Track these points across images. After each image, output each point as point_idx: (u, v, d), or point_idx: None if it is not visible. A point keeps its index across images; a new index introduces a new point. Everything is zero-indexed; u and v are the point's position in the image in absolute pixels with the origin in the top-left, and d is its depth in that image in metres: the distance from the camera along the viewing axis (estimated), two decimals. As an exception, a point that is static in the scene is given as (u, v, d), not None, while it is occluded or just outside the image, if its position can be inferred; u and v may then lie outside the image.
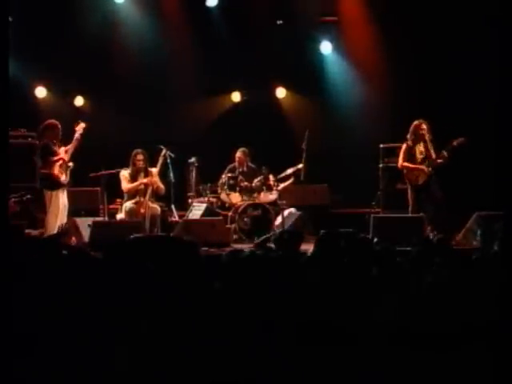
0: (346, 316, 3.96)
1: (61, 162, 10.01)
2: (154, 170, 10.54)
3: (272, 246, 6.45)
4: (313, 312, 3.98)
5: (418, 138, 10.16)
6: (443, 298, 4.10)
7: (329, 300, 4.09)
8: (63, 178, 10.03)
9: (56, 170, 10.03)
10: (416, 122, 10.19)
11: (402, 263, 4.70)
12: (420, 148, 10.18)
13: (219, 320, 3.99)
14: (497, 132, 10.21)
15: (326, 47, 13.03)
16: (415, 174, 10.21)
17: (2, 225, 4.73)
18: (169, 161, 10.77)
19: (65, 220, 9.96)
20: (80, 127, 10.07)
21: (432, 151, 10.13)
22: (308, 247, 6.34)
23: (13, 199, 10.32)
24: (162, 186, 10.57)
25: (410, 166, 10.22)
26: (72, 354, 3.89)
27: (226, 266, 4.64)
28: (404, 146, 10.29)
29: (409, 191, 10.31)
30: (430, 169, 10.12)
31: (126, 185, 10.47)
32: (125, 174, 10.50)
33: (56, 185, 10.02)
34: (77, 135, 10.06)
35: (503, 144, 9.92)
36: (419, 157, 10.18)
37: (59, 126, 10.18)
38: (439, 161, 10.09)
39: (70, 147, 10.12)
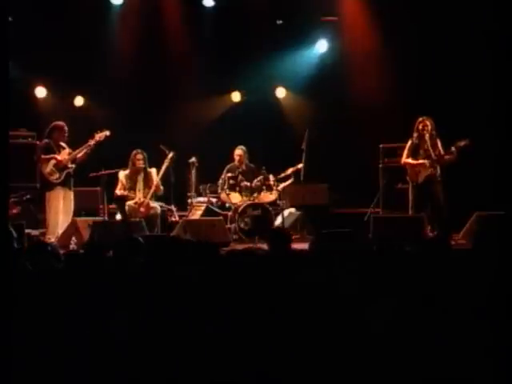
0: (343, 316, 3.96)
1: (54, 161, 10.08)
2: (154, 170, 10.55)
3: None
4: (311, 312, 3.99)
5: (421, 135, 10.13)
6: (441, 297, 4.11)
7: (326, 300, 4.10)
8: (55, 176, 10.07)
9: (47, 168, 10.07)
10: (420, 119, 10.16)
11: (401, 262, 4.71)
12: (424, 145, 10.15)
13: (219, 319, 3.99)
14: (497, 132, 10.23)
15: (322, 46, 13.04)
16: (416, 171, 10.19)
17: (2, 225, 4.73)
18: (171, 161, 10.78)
19: (68, 220, 9.97)
20: (102, 135, 10.15)
21: (439, 149, 10.09)
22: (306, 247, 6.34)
23: (12, 200, 10.36)
24: (161, 186, 10.58)
25: (412, 162, 10.21)
26: (72, 353, 3.90)
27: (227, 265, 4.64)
28: (409, 143, 10.28)
29: (409, 189, 10.30)
30: (432, 169, 10.09)
31: (117, 190, 10.51)
32: (122, 177, 10.50)
33: (48, 184, 10.08)
34: (91, 141, 10.12)
35: (503, 144, 9.94)
36: (423, 154, 10.16)
37: (65, 129, 10.24)
38: (447, 157, 10.04)
39: (77, 151, 10.17)
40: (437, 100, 11.47)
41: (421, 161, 10.12)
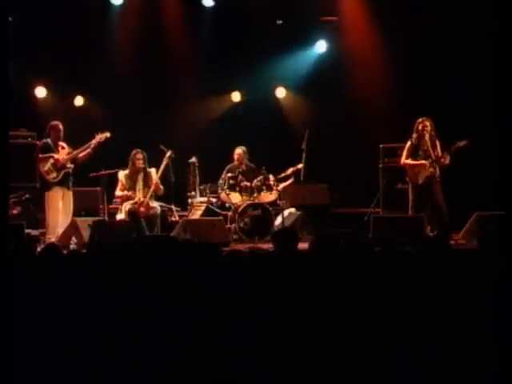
0: (343, 316, 3.96)
1: (52, 160, 10.08)
2: (153, 170, 10.53)
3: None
4: (310, 312, 3.99)
5: (421, 136, 10.12)
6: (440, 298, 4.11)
7: (326, 300, 4.09)
8: (52, 176, 10.06)
9: (44, 167, 10.07)
10: (419, 120, 10.15)
11: (401, 262, 4.71)
12: (423, 146, 10.15)
13: (219, 320, 3.99)
14: (497, 132, 10.21)
15: (322, 46, 13.05)
16: (415, 172, 10.18)
17: (2, 225, 4.73)
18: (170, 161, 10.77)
19: (67, 220, 9.95)
20: (102, 136, 10.15)
21: (438, 150, 10.09)
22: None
23: (12, 200, 10.36)
24: (161, 186, 10.56)
25: (411, 163, 10.20)
26: (71, 354, 3.89)
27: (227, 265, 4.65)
28: (408, 144, 10.27)
29: (409, 190, 10.29)
30: (432, 169, 10.08)
31: (117, 191, 10.50)
32: (122, 177, 10.48)
33: (47, 183, 10.07)
34: (92, 142, 10.11)
35: (503, 144, 9.94)
36: (421, 155, 10.16)
37: (60, 127, 10.24)
38: (443, 160, 10.05)
39: (77, 151, 10.16)
40: (436, 100, 11.48)
41: (421, 161, 10.12)
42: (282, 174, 11.33)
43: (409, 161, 10.23)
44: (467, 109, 11.37)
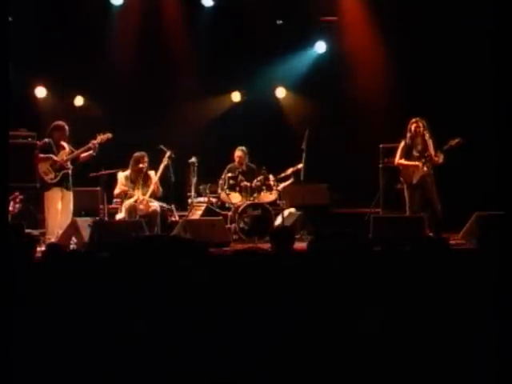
0: (342, 316, 3.97)
1: (50, 161, 10.04)
2: (153, 172, 10.52)
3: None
4: (310, 312, 3.99)
5: (415, 136, 10.13)
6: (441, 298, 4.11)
7: (326, 300, 4.10)
8: (50, 176, 10.02)
9: (43, 167, 10.04)
10: (413, 120, 10.16)
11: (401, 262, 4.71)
12: (417, 146, 10.15)
13: (219, 320, 3.99)
14: (497, 131, 10.22)
15: (322, 46, 13.06)
16: (410, 172, 10.17)
17: (2, 225, 4.73)
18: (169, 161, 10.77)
19: (68, 221, 9.93)
20: (104, 137, 10.10)
21: (431, 150, 10.09)
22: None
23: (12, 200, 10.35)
24: (160, 188, 10.54)
25: (405, 163, 10.20)
26: (71, 354, 3.90)
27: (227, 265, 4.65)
28: (401, 144, 10.27)
29: (405, 190, 10.29)
30: (426, 168, 10.09)
31: (116, 190, 10.48)
32: (122, 178, 10.47)
33: (45, 184, 10.03)
34: (93, 142, 10.05)
35: (503, 144, 9.94)
36: (416, 155, 10.16)
37: (66, 128, 10.20)
38: (436, 159, 10.05)
39: (77, 152, 10.13)
40: (436, 100, 11.48)
41: (414, 163, 10.10)
42: (282, 174, 11.34)
43: (402, 161, 10.23)
44: (467, 108, 11.37)
